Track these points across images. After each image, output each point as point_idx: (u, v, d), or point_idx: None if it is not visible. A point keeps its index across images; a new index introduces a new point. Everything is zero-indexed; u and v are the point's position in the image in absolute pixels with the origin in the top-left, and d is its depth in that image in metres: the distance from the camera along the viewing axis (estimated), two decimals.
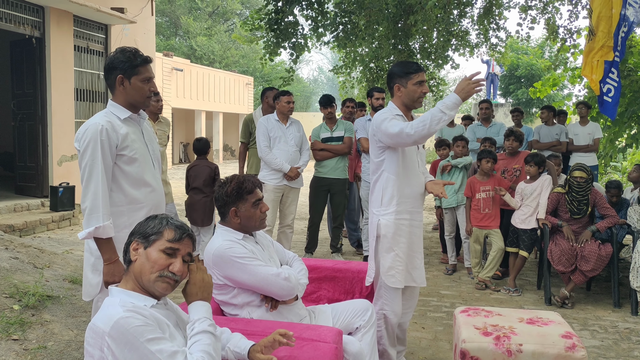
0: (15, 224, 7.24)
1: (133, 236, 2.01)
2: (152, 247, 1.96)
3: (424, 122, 2.98)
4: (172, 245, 1.97)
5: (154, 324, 1.84)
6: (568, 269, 4.98)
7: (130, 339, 1.76)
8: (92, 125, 2.73)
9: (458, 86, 3.02)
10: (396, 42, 10.22)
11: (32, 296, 4.10)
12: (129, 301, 1.89)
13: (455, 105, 2.98)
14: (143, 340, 1.77)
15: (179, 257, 2.00)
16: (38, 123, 8.80)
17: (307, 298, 3.51)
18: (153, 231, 1.98)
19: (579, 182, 5.09)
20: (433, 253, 7.10)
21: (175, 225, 2.01)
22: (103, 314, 1.84)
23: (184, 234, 2.01)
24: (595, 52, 5.82)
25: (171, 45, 31.12)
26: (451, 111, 2.97)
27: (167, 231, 1.98)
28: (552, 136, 7.83)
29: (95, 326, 1.82)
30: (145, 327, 1.80)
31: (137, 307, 1.87)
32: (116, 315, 1.79)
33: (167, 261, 1.97)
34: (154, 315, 1.88)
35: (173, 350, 1.81)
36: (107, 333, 1.77)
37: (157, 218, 2.04)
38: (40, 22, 8.67)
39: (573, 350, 2.58)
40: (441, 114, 2.97)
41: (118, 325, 1.77)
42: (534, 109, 23.93)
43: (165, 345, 1.81)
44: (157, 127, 5.93)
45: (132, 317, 1.80)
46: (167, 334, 1.88)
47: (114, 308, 1.84)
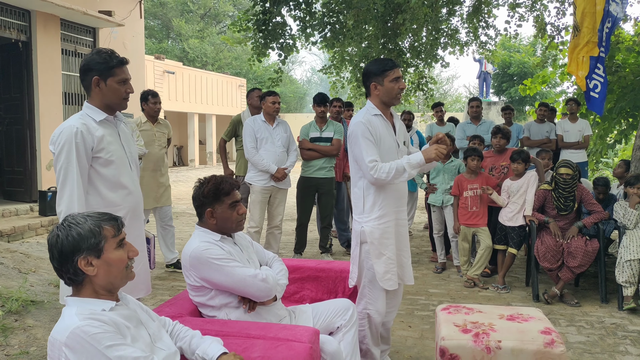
0: (3, 229, 7.20)
1: (75, 255, 1.86)
2: (105, 252, 1.90)
3: (388, 174, 3.09)
4: (119, 238, 1.95)
5: (114, 329, 1.81)
6: (554, 265, 4.98)
7: (87, 347, 1.73)
8: (66, 128, 2.71)
9: (427, 149, 3.15)
10: (385, 42, 10.22)
11: (15, 301, 4.07)
12: (86, 308, 1.85)
13: (418, 165, 3.13)
14: (102, 347, 1.73)
15: (128, 242, 2.01)
16: (26, 127, 8.76)
17: (290, 298, 3.49)
18: (98, 239, 1.89)
19: (565, 178, 5.09)
20: (423, 252, 7.09)
21: (107, 219, 1.96)
22: (59, 324, 1.81)
23: (116, 222, 1.98)
24: (580, 48, 5.82)
25: (163, 48, 31.07)
26: (413, 170, 3.12)
27: (107, 229, 1.93)
28: (543, 133, 7.84)
29: (52, 338, 1.78)
30: (104, 334, 1.76)
31: (95, 314, 1.83)
32: (72, 325, 1.76)
33: (125, 252, 1.97)
34: (113, 320, 1.85)
35: (135, 356, 1.78)
36: (63, 343, 1.74)
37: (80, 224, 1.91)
38: (27, 26, 8.63)
39: (552, 346, 2.58)
40: (403, 171, 3.10)
41: (74, 335, 1.74)
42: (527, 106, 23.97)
43: (126, 350, 1.78)
44: (156, 129, 5.92)
45: (89, 325, 1.76)
46: (128, 339, 1.84)
47: (70, 318, 1.80)
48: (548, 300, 4.96)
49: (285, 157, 5.80)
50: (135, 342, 1.86)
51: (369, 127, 3.17)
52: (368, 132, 3.17)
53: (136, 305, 2.10)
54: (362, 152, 3.14)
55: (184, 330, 2.28)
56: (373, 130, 3.19)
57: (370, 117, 3.23)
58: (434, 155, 3.09)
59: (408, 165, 3.10)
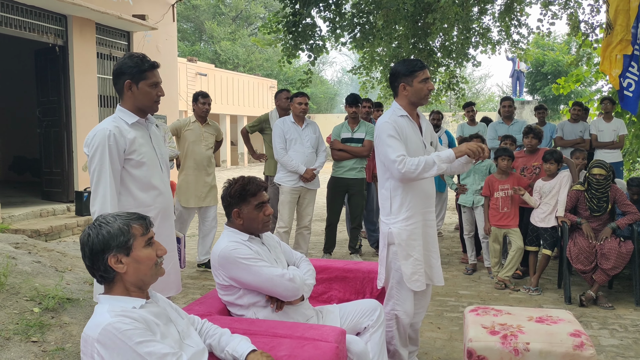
0: (41, 228, 7.41)
1: (105, 253, 1.94)
2: (134, 250, 1.96)
3: (417, 168, 3.04)
4: (147, 237, 2.01)
5: (144, 326, 1.86)
6: (587, 267, 4.90)
7: (118, 343, 1.79)
8: (100, 131, 2.79)
9: (459, 145, 3.12)
10: (416, 41, 10.17)
11: (52, 299, 4.19)
12: (117, 305, 1.91)
13: (449, 160, 3.07)
14: (132, 343, 1.79)
15: (155, 241, 2.06)
16: (63, 130, 9.00)
17: (317, 298, 3.52)
18: (126, 237, 1.96)
19: (598, 179, 5.00)
20: (454, 253, 7.04)
21: (135, 219, 2.02)
22: (92, 321, 1.88)
23: (145, 221, 2.04)
24: (613, 46, 5.70)
25: (196, 51, 31.49)
26: (443, 164, 3.05)
27: (135, 228, 1.99)
28: (576, 133, 7.70)
29: (85, 334, 1.85)
30: (134, 331, 1.82)
31: (125, 311, 1.89)
32: (104, 322, 1.82)
33: (154, 250, 2.02)
34: (143, 317, 1.90)
35: (163, 352, 1.83)
36: (95, 339, 1.80)
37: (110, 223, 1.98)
38: (63, 30, 8.86)
39: (581, 349, 2.54)
40: (433, 165, 3.04)
41: (106, 331, 1.80)
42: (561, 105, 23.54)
43: (155, 347, 1.83)
44: (204, 129, 6.02)
45: (120, 321, 1.82)
46: (157, 335, 1.90)
47: (102, 315, 1.87)
48: (584, 303, 4.87)
49: (314, 157, 5.83)
50: (164, 339, 1.91)
51: (395, 127, 3.18)
52: (394, 131, 3.17)
53: (166, 304, 2.15)
54: (388, 149, 3.14)
55: (213, 328, 2.33)
56: (400, 130, 3.19)
57: (397, 118, 3.23)
58: (465, 149, 3.05)
59: (438, 158, 3.04)
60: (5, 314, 3.76)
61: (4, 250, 5.08)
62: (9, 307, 3.86)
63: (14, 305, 3.92)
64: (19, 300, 4.00)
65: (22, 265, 4.75)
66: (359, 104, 6.24)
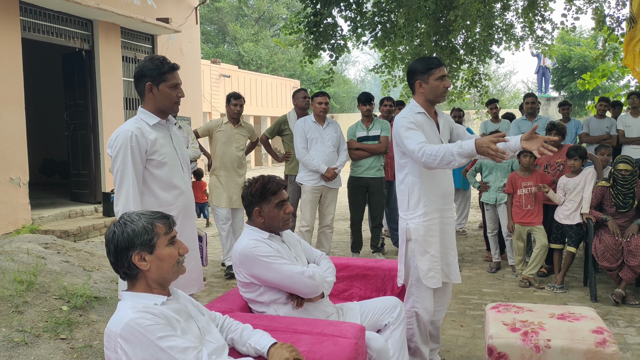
0: (70, 229, 7.57)
1: (129, 250, 1.99)
2: (158, 248, 2.01)
3: (436, 156, 2.94)
4: (170, 236, 2.06)
5: (165, 322, 1.91)
6: (614, 265, 4.83)
7: (141, 338, 1.84)
8: (122, 132, 2.86)
9: (481, 139, 2.86)
10: (438, 39, 10.11)
11: (79, 297, 4.29)
12: (140, 302, 1.97)
13: (469, 154, 2.88)
14: (154, 338, 1.84)
15: (178, 240, 2.10)
16: (90, 132, 9.19)
17: (338, 296, 3.54)
18: (150, 235, 2.01)
19: (624, 175, 4.92)
20: (477, 251, 6.99)
21: (159, 218, 2.06)
22: (115, 317, 1.93)
23: (168, 220, 2.08)
24: (637, 39, 5.61)
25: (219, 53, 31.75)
26: (463, 159, 2.90)
27: (159, 227, 2.04)
28: (603, 129, 7.58)
29: (108, 330, 1.91)
30: (156, 326, 1.87)
31: (147, 307, 1.94)
32: (126, 317, 1.88)
33: (176, 249, 2.07)
34: (164, 313, 1.95)
35: (185, 347, 1.87)
36: (118, 334, 1.86)
37: (134, 221, 2.03)
38: (89, 35, 9.04)
39: (604, 346, 2.52)
40: (452, 157, 2.90)
41: (128, 327, 1.85)
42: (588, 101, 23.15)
43: (176, 341, 1.87)
44: (235, 130, 6.07)
45: (142, 317, 1.87)
46: (178, 331, 1.94)
47: (125, 311, 1.92)
48: (617, 301, 4.79)
49: (335, 156, 5.84)
50: (185, 335, 1.96)
51: (412, 120, 3.19)
52: (412, 123, 3.18)
53: (187, 300, 2.20)
54: (407, 140, 3.12)
55: (235, 324, 2.38)
56: (418, 125, 3.20)
57: (414, 114, 3.24)
58: (486, 150, 2.80)
59: (458, 153, 2.89)
60: (35, 312, 3.86)
61: (34, 250, 5.22)
62: (39, 306, 3.97)
63: (43, 303, 4.02)
64: (48, 299, 4.10)
65: (52, 264, 4.87)
66: (372, 102, 6.23)
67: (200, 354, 1.89)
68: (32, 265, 4.55)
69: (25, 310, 3.84)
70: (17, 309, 3.81)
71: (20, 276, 4.22)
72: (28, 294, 4.05)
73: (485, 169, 6.09)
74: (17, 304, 3.87)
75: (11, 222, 7.55)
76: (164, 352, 1.84)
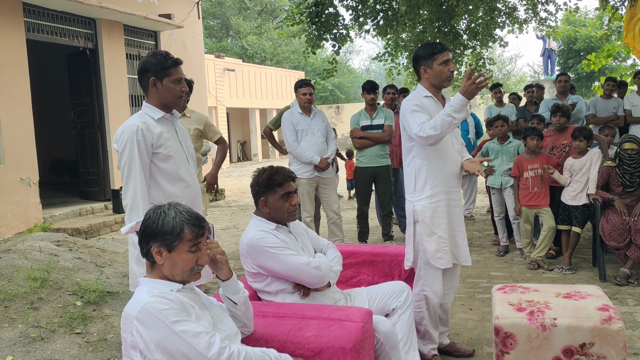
0: (81, 227, 7.66)
1: (151, 240, 2.03)
2: (176, 251, 2.03)
3: (435, 127, 3.06)
4: (194, 244, 2.06)
5: (179, 307, 1.96)
6: (621, 244, 4.83)
7: (155, 321, 1.89)
8: (128, 127, 2.91)
9: (462, 85, 3.06)
10: (441, 25, 10.06)
11: (93, 292, 4.36)
12: (156, 288, 2.02)
13: (462, 106, 3.03)
14: (168, 322, 1.89)
15: (203, 250, 2.10)
16: (97, 130, 9.26)
17: (347, 283, 3.58)
18: (174, 237, 2.02)
19: (630, 154, 4.92)
20: (486, 235, 7.01)
21: (191, 224, 2.05)
22: (132, 301, 1.99)
23: (201, 230, 2.08)
24: (637, 18, 5.58)
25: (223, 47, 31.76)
26: (459, 113, 3.03)
27: (186, 233, 2.03)
28: (610, 110, 7.53)
29: (125, 313, 1.97)
30: (170, 310, 1.92)
31: (163, 293, 1.99)
32: (143, 301, 1.93)
33: (195, 257, 2.07)
34: (180, 299, 2.00)
35: (197, 331, 1.92)
36: (135, 317, 1.91)
37: (168, 217, 2.04)
38: (93, 34, 9.09)
39: (609, 323, 2.54)
40: (450, 118, 3.03)
41: (144, 310, 1.91)
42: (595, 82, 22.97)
43: (190, 326, 1.92)
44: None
45: (157, 301, 1.93)
46: (192, 317, 1.99)
47: (141, 295, 1.98)
48: (620, 282, 4.81)
49: (325, 146, 5.84)
50: (199, 321, 2.01)
51: (418, 103, 3.23)
52: (417, 106, 3.22)
53: (200, 292, 2.26)
54: (411, 123, 3.18)
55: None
56: (423, 107, 3.23)
57: (421, 98, 3.27)
58: (472, 88, 3.01)
59: (451, 110, 3.04)
60: (50, 308, 3.93)
61: (47, 248, 5.29)
62: (53, 302, 4.04)
63: (57, 299, 4.09)
64: (62, 295, 4.17)
65: (64, 261, 4.94)
66: (376, 91, 6.23)
67: (213, 339, 1.94)
68: (45, 263, 4.63)
69: (40, 306, 3.92)
70: (32, 306, 3.88)
71: (34, 273, 4.30)
72: (42, 290, 4.12)
73: (491, 153, 6.10)
74: (32, 300, 3.94)
75: (23, 221, 7.66)
76: (177, 336, 1.89)
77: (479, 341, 3.81)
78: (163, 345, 1.90)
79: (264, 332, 2.38)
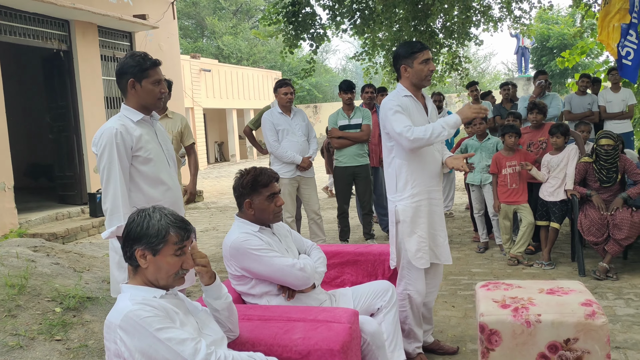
0: (58, 231, 7.53)
1: (135, 244, 2.00)
2: (160, 254, 2.00)
3: (425, 133, 3.11)
4: (179, 247, 2.03)
5: (163, 314, 1.93)
6: (599, 239, 4.91)
7: (139, 329, 1.85)
8: (107, 130, 2.85)
9: (462, 109, 3.22)
10: (417, 24, 10.12)
11: (72, 298, 4.28)
12: (139, 295, 1.98)
13: (456, 125, 3.16)
14: (152, 330, 1.86)
15: (188, 253, 2.08)
16: (73, 133, 9.12)
17: (330, 283, 3.57)
18: (159, 240, 1.99)
19: (606, 149, 5.00)
20: (465, 232, 7.06)
21: (177, 227, 2.03)
22: (114, 309, 1.95)
23: (186, 233, 2.05)
24: (611, 16, 5.68)
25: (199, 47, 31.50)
26: (451, 129, 3.14)
27: (172, 236, 2.01)
28: (584, 106, 7.65)
29: (108, 321, 1.93)
30: (154, 318, 1.88)
31: (146, 299, 1.95)
32: (126, 309, 1.89)
33: (179, 262, 2.04)
34: (163, 306, 1.97)
35: (183, 338, 1.89)
36: (118, 326, 1.87)
37: (153, 219, 2.02)
38: (67, 35, 8.95)
39: (593, 318, 2.57)
40: (441, 129, 3.12)
41: (127, 318, 1.87)
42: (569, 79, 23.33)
43: (174, 333, 1.89)
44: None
45: (140, 309, 1.89)
46: (177, 323, 1.96)
47: (124, 302, 1.94)
48: (599, 277, 4.88)
49: (307, 145, 5.83)
50: (183, 327, 1.97)
51: (399, 103, 3.23)
52: (398, 107, 3.22)
53: (183, 297, 2.22)
54: (394, 123, 3.19)
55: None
56: (404, 108, 3.23)
57: (401, 98, 3.27)
58: (470, 113, 3.15)
59: (445, 124, 3.13)
60: (29, 315, 3.85)
61: (24, 254, 5.18)
62: (32, 309, 3.96)
63: (36, 306, 4.01)
64: (40, 301, 4.09)
65: (42, 267, 4.85)
66: (353, 90, 6.23)
67: (198, 345, 1.91)
68: (22, 269, 4.53)
69: (19, 313, 3.83)
70: (10, 313, 3.80)
71: (11, 280, 4.21)
72: (20, 297, 4.04)
73: (470, 150, 6.14)
74: (9, 308, 3.86)
75: None
76: (162, 344, 1.85)
77: (462, 338, 3.83)
78: (148, 354, 1.86)
79: (250, 336, 2.36)
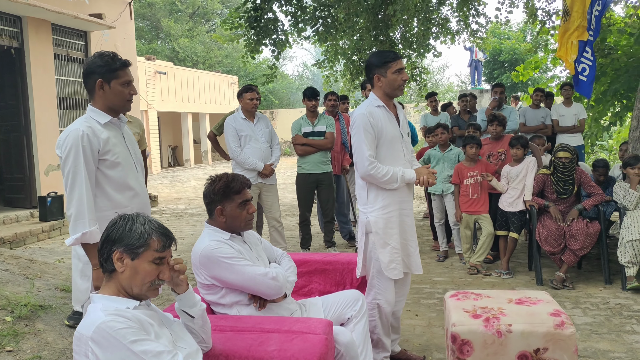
0: (5, 236, 7.20)
1: (115, 245, 1.94)
2: (140, 259, 1.93)
3: (385, 174, 3.21)
4: (160, 255, 1.97)
5: (137, 326, 1.84)
6: (557, 249, 5.03)
7: (113, 342, 1.76)
8: (72, 132, 2.73)
9: (420, 170, 3.36)
10: (377, 34, 10.22)
11: (24, 307, 4.09)
12: (111, 305, 1.89)
13: (410, 180, 3.28)
14: (126, 342, 1.77)
15: (166, 264, 2.01)
16: (22, 134, 8.75)
17: (298, 292, 3.52)
18: (140, 243, 1.93)
19: (564, 162, 5.14)
20: (425, 241, 7.13)
21: (160, 233, 1.98)
22: (85, 320, 1.85)
23: (168, 241, 2.00)
24: (570, 32, 5.87)
25: (153, 49, 30.91)
26: (402, 183, 3.26)
27: (154, 241, 1.95)
28: (538, 119, 7.87)
29: (78, 333, 1.82)
30: (128, 330, 1.79)
31: (119, 310, 1.86)
32: (98, 320, 1.80)
33: (157, 270, 1.97)
34: (137, 317, 1.88)
35: (158, 351, 1.81)
36: (90, 338, 1.77)
37: (137, 223, 1.97)
38: (18, 32, 8.60)
39: (562, 328, 2.62)
40: (396, 182, 3.23)
41: (100, 330, 1.77)
42: (519, 92, 24.02)
43: (150, 345, 1.81)
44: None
45: (114, 320, 1.80)
46: (152, 335, 1.87)
47: (96, 313, 1.84)
48: (556, 286, 4.99)
49: (269, 152, 5.78)
50: (158, 339, 1.89)
51: (370, 120, 3.21)
52: (369, 126, 3.21)
53: (156, 308, 2.14)
54: (362, 144, 3.20)
55: None
56: (375, 122, 3.22)
57: (373, 108, 3.26)
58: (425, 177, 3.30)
59: (402, 178, 3.24)
60: None
61: None
62: None
63: None
64: None
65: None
66: (317, 97, 6.22)
67: (175, 358, 1.83)
68: None
69: None
70: None
71: None
72: None
73: (433, 160, 6.21)
74: None
75: None
76: (137, 357, 1.77)
77: (428, 347, 3.85)
78: None
79: (223, 348, 2.29)
